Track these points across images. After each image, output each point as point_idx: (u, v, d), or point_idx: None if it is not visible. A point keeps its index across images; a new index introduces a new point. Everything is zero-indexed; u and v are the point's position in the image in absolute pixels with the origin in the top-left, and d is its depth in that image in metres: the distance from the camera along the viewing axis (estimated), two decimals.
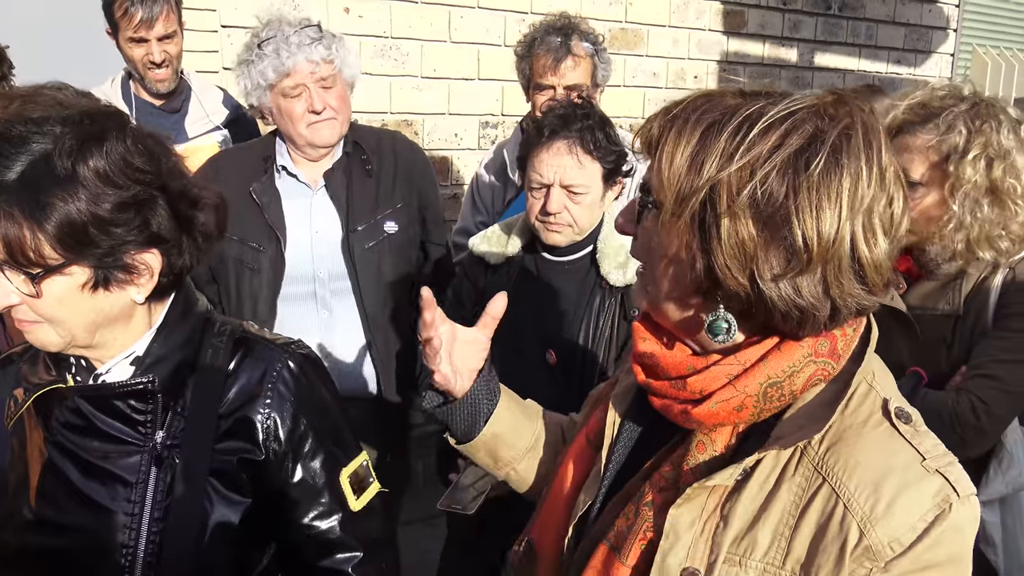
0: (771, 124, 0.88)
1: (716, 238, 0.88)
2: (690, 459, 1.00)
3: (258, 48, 2.27)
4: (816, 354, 0.95)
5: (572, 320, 2.02)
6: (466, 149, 4.04)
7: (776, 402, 0.95)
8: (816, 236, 0.86)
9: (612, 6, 4.27)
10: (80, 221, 1.08)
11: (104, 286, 1.15)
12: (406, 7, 3.76)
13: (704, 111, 0.92)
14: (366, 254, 2.38)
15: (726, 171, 0.87)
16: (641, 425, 1.12)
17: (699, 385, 0.97)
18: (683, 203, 0.90)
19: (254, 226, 2.33)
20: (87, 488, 1.22)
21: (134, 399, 1.22)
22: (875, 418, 0.94)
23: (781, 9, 4.87)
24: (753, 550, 0.93)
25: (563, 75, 2.64)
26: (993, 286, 1.87)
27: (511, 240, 2.14)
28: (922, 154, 1.85)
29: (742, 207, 0.87)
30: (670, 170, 0.91)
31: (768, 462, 0.95)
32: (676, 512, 0.96)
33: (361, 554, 1.35)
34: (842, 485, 0.90)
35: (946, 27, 5.66)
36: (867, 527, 0.88)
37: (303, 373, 1.32)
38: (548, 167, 1.96)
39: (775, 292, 0.89)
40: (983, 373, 1.81)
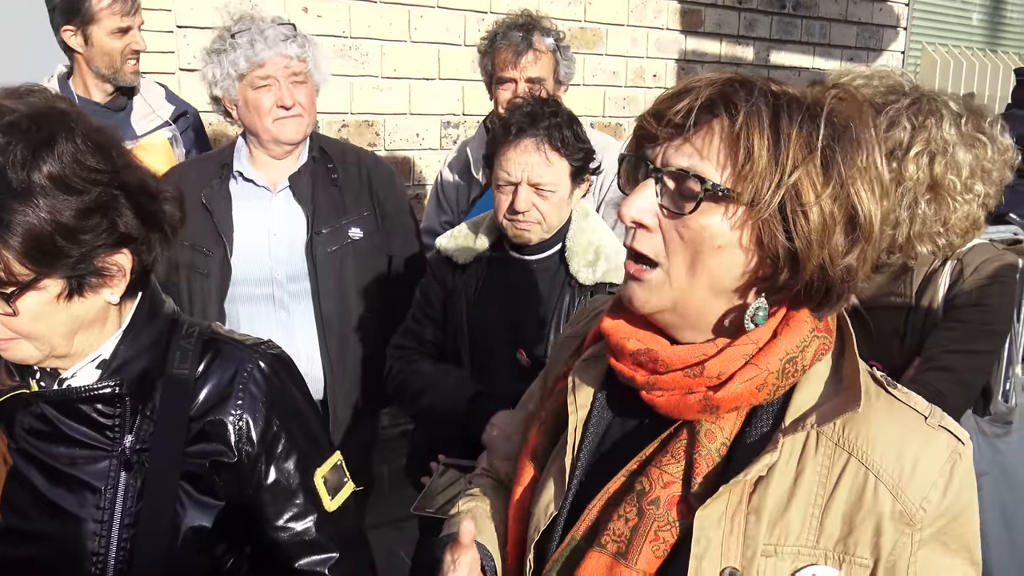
0: (829, 115, 0.92)
1: (804, 225, 0.90)
2: (700, 449, 0.98)
3: (231, 38, 2.26)
4: (817, 329, 0.99)
5: (541, 319, 2.02)
6: (428, 149, 4.03)
7: (791, 377, 0.97)
8: (871, 215, 0.93)
9: (571, 5, 4.28)
10: (46, 232, 1.06)
11: (79, 293, 1.13)
12: (365, 7, 3.73)
13: (764, 96, 0.92)
14: (328, 258, 2.37)
15: (807, 165, 0.90)
16: (609, 425, 1.09)
17: (718, 369, 0.96)
18: (769, 195, 0.90)
19: (204, 232, 2.32)
20: (54, 495, 1.19)
21: (101, 403, 1.19)
22: (873, 390, 0.99)
23: (737, 8, 4.93)
24: (787, 536, 0.94)
25: (524, 69, 2.64)
26: (942, 277, 1.90)
27: (479, 239, 2.13)
28: None
29: (827, 197, 0.90)
30: (751, 161, 0.90)
31: (787, 446, 0.96)
32: (704, 513, 0.94)
33: (337, 554, 1.34)
34: (867, 457, 0.94)
35: (896, 25, 5.78)
36: (899, 493, 0.93)
37: (274, 373, 1.31)
38: (516, 165, 1.96)
39: (839, 272, 0.93)
40: (937, 364, 1.84)
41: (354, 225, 2.42)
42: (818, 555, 0.94)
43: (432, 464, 1.99)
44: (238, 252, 2.33)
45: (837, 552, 0.94)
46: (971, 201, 1.85)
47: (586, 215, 2.11)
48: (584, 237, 2.05)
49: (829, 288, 0.94)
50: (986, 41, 6.79)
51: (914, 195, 1.83)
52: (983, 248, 1.92)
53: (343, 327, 2.41)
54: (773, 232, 0.91)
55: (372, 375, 2.37)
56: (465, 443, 1.99)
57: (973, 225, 1.88)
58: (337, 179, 2.44)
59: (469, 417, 1.99)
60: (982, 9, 6.76)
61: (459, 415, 2.00)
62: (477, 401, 2.00)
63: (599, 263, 2.01)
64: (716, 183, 0.91)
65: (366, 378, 2.46)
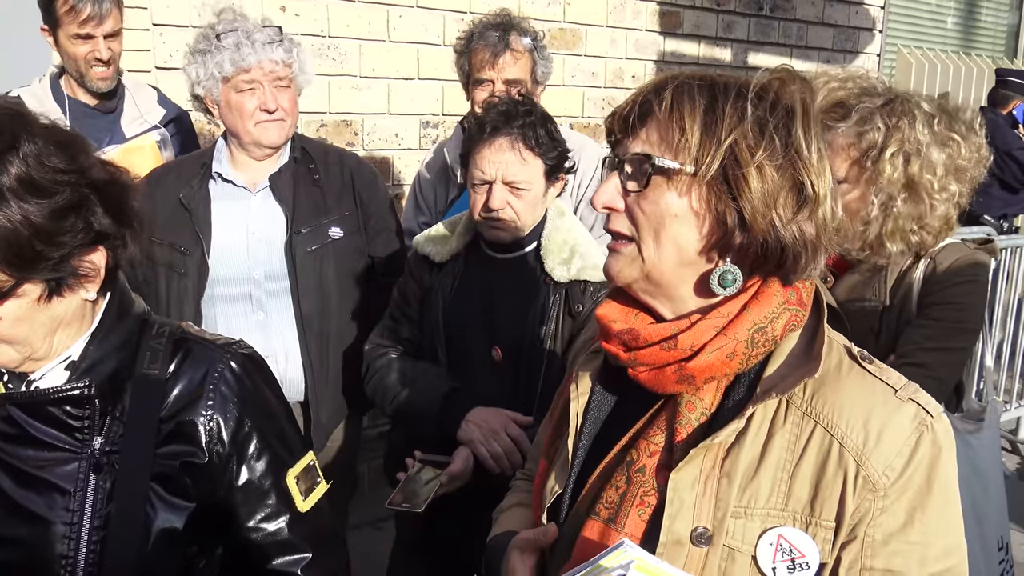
0: (762, 89, 1.02)
1: (746, 187, 0.99)
2: (681, 419, 1.05)
3: (216, 39, 2.23)
4: (788, 302, 1.05)
5: (517, 316, 2.02)
6: (407, 149, 4.02)
7: (761, 347, 1.03)
8: (819, 181, 1.00)
9: (550, 6, 4.29)
10: (23, 237, 1.05)
11: (57, 294, 1.13)
12: (343, 6, 3.72)
13: (700, 81, 1.04)
14: (307, 257, 2.36)
15: (741, 127, 0.99)
16: (607, 408, 1.16)
17: (690, 341, 1.03)
18: (708, 160, 0.99)
19: (183, 231, 2.31)
20: (22, 499, 1.18)
21: (70, 405, 1.18)
22: (846, 363, 1.05)
23: (715, 10, 4.96)
24: (756, 499, 1.00)
25: (501, 69, 2.64)
26: (915, 276, 1.93)
27: (455, 237, 2.13)
28: (844, 152, 1.89)
29: (765, 158, 0.99)
30: (684, 135, 1.00)
31: (758, 415, 1.02)
32: (677, 476, 1.01)
33: (310, 555, 1.33)
34: (833, 425, 0.99)
35: (872, 28, 5.84)
36: (862, 459, 0.97)
37: (245, 373, 1.30)
38: (490, 163, 1.96)
39: (789, 233, 1.00)
40: (910, 361, 1.86)
41: (334, 225, 2.41)
42: (786, 517, 0.99)
43: (408, 460, 1.99)
44: (216, 252, 2.32)
45: (804, 515, 0.99)
46: (946, 200, 1.87)
47: (561, 214, 2.12)
48: (559, 236, 2.06)
49: (784, 249, 1.00)
50: (961, 44, 6.88)
51: (888, 194, 1.85)
52: (955, 247, 1.95)
53: (323, 327, 2.40)
54: (720, 195, 1.00)
55: (354, 375, 2.36)
56: (441, 439, 1.99)
57: (946, 224, 1.91)
58: (319, 179, 2.43)
59: (444, 414, 1.99)
60: (956, 12, 6.85)
61: (435, 412, 2.00)
62: (452, 398, 2.00)
63: (574, 261, 2.01)
64: (660, 159, 1.01)
65: (347, 379, 2.45)
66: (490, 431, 1.93)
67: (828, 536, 0.98)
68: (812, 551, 0.98)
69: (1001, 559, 2.06)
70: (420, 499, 1.86)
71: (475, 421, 1.95)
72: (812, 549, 0.98)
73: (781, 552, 0.99)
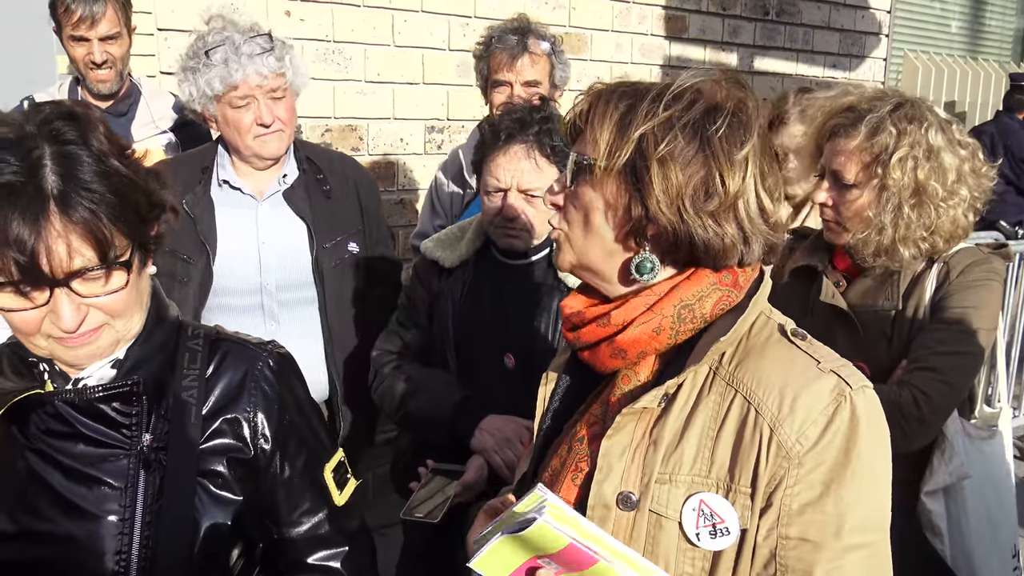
0: (682, 91, 1.07)
1: (648, 181, 1.04)
2: (616, 391, 1.12)
3: (205, 56, 2.20)
4: (721, 283, 1.09)
5: (529, 323, 2.01)
6: (412, 154, 4.01)
7: (689, 324, 1.08)
8: (731, 179, 1.04)
9: (556, 11, 4.28)
10: (139, 191, 1.12)
11: (143, 265, 1.18)
12: (348, 11, 3.71)
13: (625, 88, 1.11)
14: (333, 272, 2.37)
15: (650, 124, 1.04)
16: (571, 393, 1.24)
17: (621, 317, 1.10)
18: (616, 154, 1.05)
19: (186, 238, 2.28)
20: (73, 495, 1.19)
21: (118, 401, 1.20)
22: (774, 337, 1.09)
23: (721, 14, 4.95)
24: (680, 466, 1.04)
25: (519, 72, 2.65)
26: (928, 280, 1.92)
27: (465, 243, 2.11)
28: (855, 156, 1.88)
29: (668, 153, 1.03)
30: (601, 131, 1.07)
31: (686, 386, 1.07)
32: (608, 443, 1.07)
33: (347, 548, 1.37)
34: (751, 393, 1.03)
35: (879, 32, 5.83)
36: (776, 425, 1.00)
37: (282, 372, 1.34)
38: (505, 171, 1.94)
39: (699, 226, 1.04)
40: (922, 366, 1.85)
41: (352, 240, 2.44)
42: (710, 484, 1.03)
43: (420, 469, 1.96)
44: (222, 261, 2.30)
45: (724, 481, 1.02)
46: (956, 206, 1.86)
47: None
48: None
49: (693, 241, 1.05)
50: (967, 48, 6.86)
51: (898, 200, 1.84)
52: (969, 252, 1.93)
53: (346, 339, 2.42)
54: (627, 188, 1.06)
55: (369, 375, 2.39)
56: (452, 448, 1.97)
57: (959, 229, 1.89)
58: (329, 190, 2.43)
59: (456, 421, 1.97)
60: (962, 17, 6.83)
61: (446, 420, 1.97)
62: (464, 405, 1.98)
63: None
64: (581, 156, 1.10)
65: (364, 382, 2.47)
66: (504, 439, 1.91)
67: (746, 502, 1.01)
68: (732, 517, 1.01)
69: (1015, 566, 2.04)
70: (436, 510, 1.84)
71: (488, 429, 1.93)
72: (732, 515, 1.01)
73: (703, 518, 1.02)
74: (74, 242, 1.04)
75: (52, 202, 1.03)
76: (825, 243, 2.07)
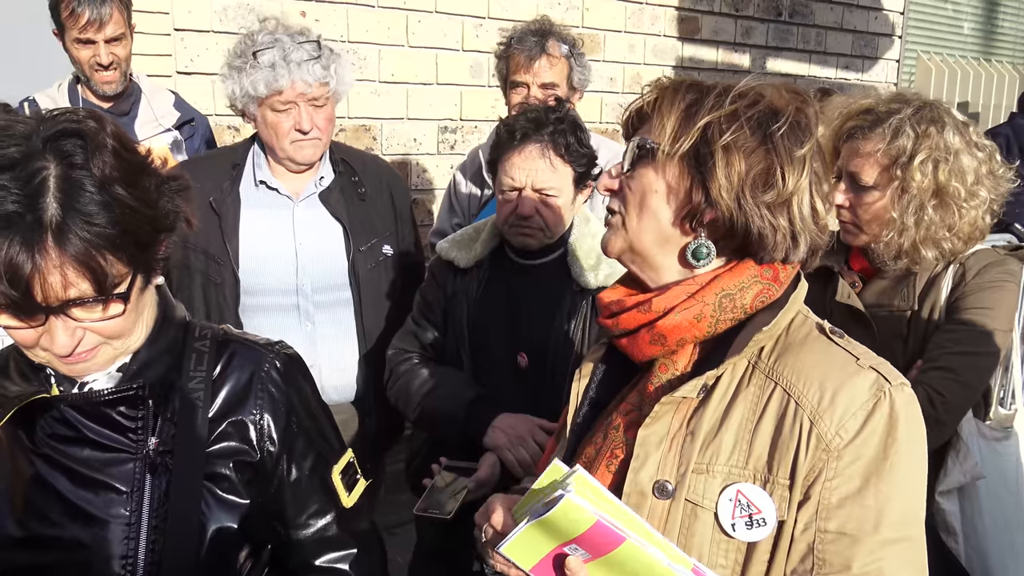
0: (747, 90, 1.11)
1: (712, 167, 1.06)
2: (654, 380, 1.14)
3: (253, 57, 2.20)
4: (762, 276, 1.11)
5: (543, 322, 2.02)
6: (425, 154, 4.02)
7: (730, 313, 1.10)
8: (790, 174, 1.06)
9: (569, 12, 4.29)
10: (143, 220, 1.08)
11: (146, 284, 1.16)
12: (363, 11, 3.73)
13: (692, 83, 1.14)
14: (369, 274, 2.39)
15: (716, 114, 1.07)
16: (604, 386, 1.25)
17: (662, 304, 1.11)
18: (681, 139, 1.08)
19: (214, 238, 2.29)
20: (80, 500, 1.18)
21: (124, 405, 1.19)
22: (813, 334, 1.12)
23: (733, 16, 4.95)
24: (718, 456, 1.05)
25: (537, 73, 2.66)
26: (944, 281, 1.92)
27: (480, 243, 2.12)
28: (872, 158, 1.88)
29: (732, 141, 1.06)
30: (668, 118, 1.10)
31: (725, 378, 1.08)
32: (645, 432, 1.08)
33: (356, 550, 1.36)
34: (791, 385, 1.05)
35: (892, 34, 5.81)
36: (816, 418, 1.01)
37: (289, 373, 1.32)
38: (520, 170, 1.95)
39: (756, 215, 1.06)
40: (938, 365, 1.85)
41: (386, 242, 2.45)
42: (747, 475, 1.04)
43: (433, 466, 1.98)
44: (256, 261, 2.31)
45: (762, 472, 1.03)
46: (977, 207, 1.86)
47: (587, 220, 2.11)
48: (586, 242, 2.05)
49: (749, 228, 1.07)
50: (981, 50, 6.83)
51: (920, 201, 1.84)
52: (985, 253, 1.93)
53: (380, 340, 2.42)
54: (690, 172, 1.09)
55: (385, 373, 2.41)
56: (466, 445, 1.98)
57: (976, 230, 1.89)
58: (364, 192, 2.44)
59: (470, 419, 1.98)
60: (974, 19, 6.80)
61: (460, 417, 1.99)
62: (478, 404, 1.99)
63: (601, 267, 2.00)
64: (644, 140, 1.12)
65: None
66: (517, 437, 1.92)
67: (784, 494, 1.02)
68: (769, 508, 1.01)
69: None
70: (448, 506, 1.85)
71: (502, 427, 1.94)
72: (769, 506, 1.01)
73: (740, 508, 1.02)
74: (69, 274, 1.02)
75: (49, 234, 1.00)
76: (841, 244, 2.07)
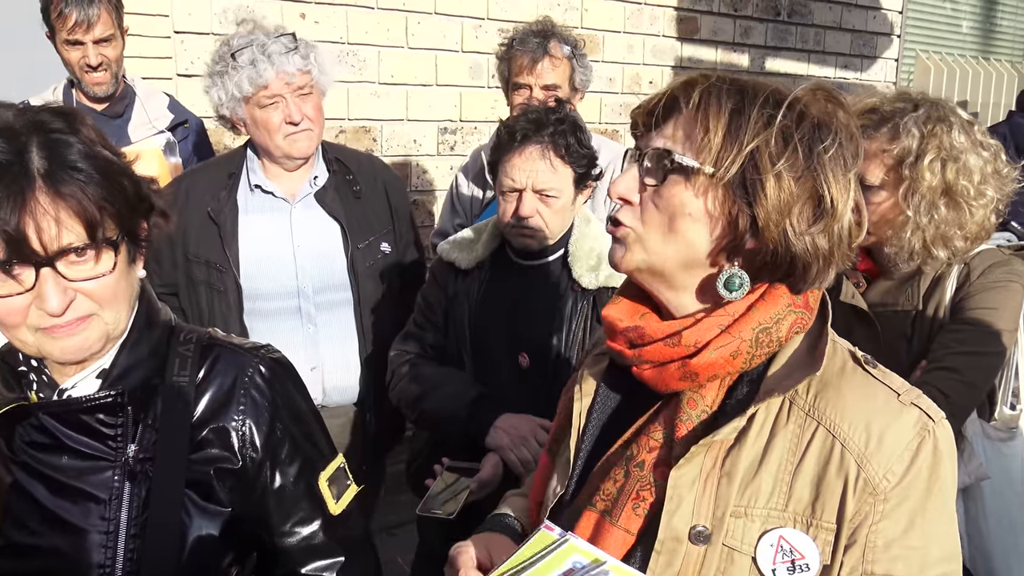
0: (793, 101, 1.01)
1: (762, 194, 0.98)
2: (682, 415, 1.04)
3: (232, 59, 2.21)
4: (794, 305, 1.05)
5: (544, 323, 2.01)
6: (425, 155, 4.02)
7: (766, 348, 1.03)
8: (838, 196, 1.00)
9: (568, 12, 4.29)
10: (129, 181, 1.11)
11: (132, 260, 1.16)
12: (363, 13, 3.73)
13: (730, 84, 1.03)
14: (368, 272, 2.38)
15: (766, 135, 0.98)
16: (610, 408, 1.16)
17: (694, 337, 1.03)
18: (727, 164, 0.99)
19: (214, 246, 2.29)
20: (58, 508, 1.16)
21: (103, 413, 1.17)
22: (849, 366, 1.05)
23: (732, 15, 4.95)
24: (756, 499, 0.99)
25: (539, 75, 2.66)
26: (949, 281, 1.91)
27: (481, 244, 2.12)
28: (877, 158, 1.88)
29: (785, 167, 0.98)
30: (707, 135, 0.99)
31: (760, 415, 1.01)
32: (678, 473, 1.00)
33: (343, 558, 1.32)
34: (836, 426, 0.99)
35: (890, 33, 5.81)
36: (864, 461, 0.97)
37: (275, 377, 1.29)
38: (520, 171, 1.95)
39: (801, 244, 0.99)
40: (942, 366, 1.84)
41: (383, 240, 2.45)
42: (787, 519, 0.99)
43: (435, 467, 1.97)
44: (257, 265, 2.31)
45: (805, 516, 0.98)
46: (984, 206, 1.86)
47: (588, 221, 2.11)
48: (586, 243, 2.05)
49: (793, 259, 1.00)
50: (979, 49, 6.83)
51: (931, 200, 1.83)
52: (990, 253, 1.93)
53: (379, 336, 2.42)
54: (735, 199, 0.99)
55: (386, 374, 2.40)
56: (468, 446, 1.98)
57: (983, 230, 1.89)
58: (359, 191, 2.43)
59: (472, 419, 1.97)
60: (973, 17, 6.81)
61: (462, 417, 1.98)
62: (480, 403, 1.99)
63: (601, 268, 2.00)
64: (681, 156, 1.01)
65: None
66: (519, 437, 1.92)
67: (829, 538, 0.98)
68: (813, 553, 0.98)
69: None
70: (451, 507, 1.84)
71: (503, 427, 1.93)
72: (813, 551, 0.98)
73: (781, 553, 0.99)
74: (63, 218, 1.03)
75: (39, 179, 1.02)
76: None
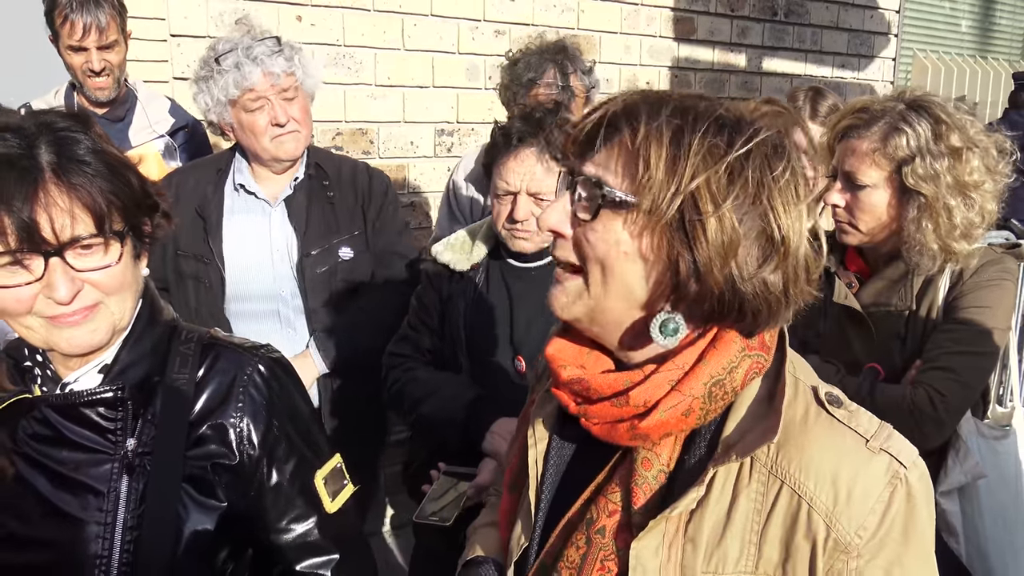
0: (738, 127, 0.92)
1: (702, 236, 0.89)
2: (638, 478, 0.98)
3: (216, 63, 2.23)
4: (749, 348, 0.96)
5: (540, 326, 2.01)
6: (422, 157, 4.02)
7: (720, 401, 0.95)
8: (790, 229, 0.91)
9: (564, 14, 4.29)
10: (136, 178, 1.16)
11: (137, 255, 1.21)
12: (359, 15, 3.73)
13: (668, 110, 0.93)
14: (318, 278, 2.36)
15: (708, 172, 0.89)
16: (567, 455, 1.10)
17: (643, 397, 0.95)
18: (666, 204, 0.89)
19: (200, 240, 2.32)
20: (57, 499, 1.20)
21: (103, 407, 1.20)
22: (812, 410, 0.97)
23: (729, 16, 4.95)
24: (724, 564, 0.94)
25: None
26: (942, 280, 1.91)
27: (476, 247, 2.12)
28: (868, 157, 1.88)
29: (728, 208, 0.89)
30: (648, 171, 0.90)
31: (720, 476, 0.95)
32: (639, 545, 0.95)
33: (338, 556, 1.35)
34: (801, 485, 0.92)
35: (887, 32, 5.81)
36: (832, 521, 0.91)
37: (274, 377, 1.32)
38: (515, 174, 1.95)
39: (750, 287, 0.91)
40: (937, 365, 1.85)
41: (344, 245, 2.41)
42: None
43: (432, 472, 1.97)
44: (240, 267, 2.32)
45: None
46: (993, 197, 1.86)
47: None
48: None
49: (743, 303, 0.91)
50: (977, 48, 6.83)
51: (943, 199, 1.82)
52: (983, 251, 1.93)
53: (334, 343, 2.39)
54: (673, 241, 0.91)
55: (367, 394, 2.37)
56: (464, 450, 1.98)
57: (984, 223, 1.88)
58: (332, 196, 2.43)
59: (468, 423, 1.97)
60: (971, 16, 6.81)
61: (459, 421, 1.98)
62: (477, 406, 1.99)
63: None
64: (615, 190, 0.92)
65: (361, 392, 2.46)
66: None
67: None
68: None
69: None
70: (447, 512, 1.84)
71: (500, 432, 1.93)
72: None
73: None
74: (73, 208, 1.09)
75: (49, 171, 1.08)
76: (837, 244, 2.07)
